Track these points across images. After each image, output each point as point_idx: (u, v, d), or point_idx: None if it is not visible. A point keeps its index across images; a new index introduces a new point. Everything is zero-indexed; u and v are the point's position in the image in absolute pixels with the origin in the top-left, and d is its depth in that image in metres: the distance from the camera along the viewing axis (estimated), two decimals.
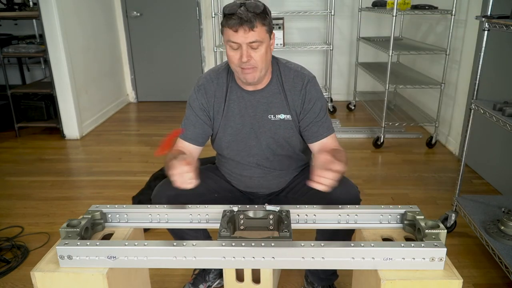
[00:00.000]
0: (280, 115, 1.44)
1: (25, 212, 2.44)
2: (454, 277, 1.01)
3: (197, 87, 1.47)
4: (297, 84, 1.42)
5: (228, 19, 1.26)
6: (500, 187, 2.58)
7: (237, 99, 1.44)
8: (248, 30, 1.25)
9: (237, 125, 1.46)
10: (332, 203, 1.27)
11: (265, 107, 1.43)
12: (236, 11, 1.24)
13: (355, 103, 4.47)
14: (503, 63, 2.55)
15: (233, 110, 1.45)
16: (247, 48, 1.28)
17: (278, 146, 1.47)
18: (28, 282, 1.78)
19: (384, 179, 2.80)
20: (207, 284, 1.74)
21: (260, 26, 1.27)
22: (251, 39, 1.26)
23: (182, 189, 1.21)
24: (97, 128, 4.03)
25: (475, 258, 1.95)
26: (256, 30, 1.26)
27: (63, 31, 3.44)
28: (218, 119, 1.47)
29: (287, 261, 1.05)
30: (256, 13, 1.25)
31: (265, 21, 1.28)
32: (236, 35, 1.26)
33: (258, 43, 1.28)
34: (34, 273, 1.05)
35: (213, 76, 1.47)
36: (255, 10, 1.25)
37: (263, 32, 1.29)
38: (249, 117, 1.44)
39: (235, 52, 1.30)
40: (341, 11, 4.43)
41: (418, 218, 1.15)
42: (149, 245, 1.06)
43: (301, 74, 1.44)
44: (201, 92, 1.46)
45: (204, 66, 4.79)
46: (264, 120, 1.44)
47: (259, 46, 1.29)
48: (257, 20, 1.25)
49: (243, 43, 1.27)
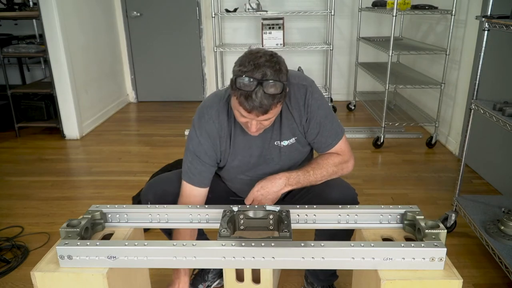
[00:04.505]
0: (284, 141, 1.38)
1: (25, 212, 2.44)
2: (454, 277, 1.01)
3: (198, 130, 1.36)
4: (299, 100, 1.34)
5: (241, 97, 1.14)
6: (500, 187, 2.58)
7: (242, 133, 1.36)
8: (262, 113, 1.16)
9: (244, 157, 1.40)
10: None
11: (270, 134, 1.37)
12: (251, 94, 1.12)
13: (355, 103, 4.47)
14: (503, 63, 2.55)
15: (239, 144, 1.38)
16: (257, 122, 1.21)
17: (287, 168, 1.43)
18: (28, 282, 1.78)
19: (384, 179, 2.80)
20: (206, 283, 1.74)
21: (275, 107, 1.17)
22: (264, 118, 1.19)
23: (170, 188, 1.22)
24: (97, 128, 4.03)
25: (475, 258, 1.95)
26: (270, 112, 1.17)
27: (63, 31, 3.44)
28: (225, 154, 1.41)
29: (287, 261, 1.05)
30: (273, 97, 1.14)
31: (281, 97, 1.17)
32: (248, 114, 1.17)
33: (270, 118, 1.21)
34: (34, 273, 1.05)
35: (213, 116, 1.35)
36: (272, 93, 1.13)
37: (278, 109, 1.20)
38: (257, 147, 1.39)
39: (243, 117, 1.21)
40: (341, 11, 4.43)
41: (418, 218, 1.15)
42: (149, 245, 1.06)
43: (301, 85, 1.35)
44: (203, 136, 1.35)
45: (204, 66, 4.79)
46: (271, 147, 1.39)
47: (270, 118, 1.23)
48: (274, 101, 1.15)
49: (254, 120, 1.20)
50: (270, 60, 1.15)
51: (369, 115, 3.95)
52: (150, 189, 1.44)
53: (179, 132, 3.76)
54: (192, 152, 1.37)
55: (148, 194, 1.42)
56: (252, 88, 1.12)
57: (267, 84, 1.12)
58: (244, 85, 1.12)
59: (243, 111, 1.17)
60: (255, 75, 1.12)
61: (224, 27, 4.58)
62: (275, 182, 1.33)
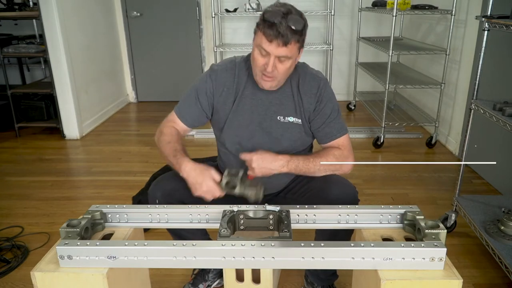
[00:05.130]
0: (289, 117, 1.44)
1: (25, 212, 2.44)
2: (454, 277, 1.01)
3: (211, 71, 1.46)
4: (313, 88, 1.43)
5: (266, 27, 1.25)
6: (500, 187, 2.58)
7: (250, 95, 1.44)
8: (282, 44, 1.25)
9: (245, 120, 1.45)
10: (330, 203, 1.27)
11: (276, 108, 1.44)
12: (277, 23, 1.23)
13: (355, 103, 4.47)
14: (503, 63, 2.55)
15: (243, 106, 1.44)
16: (274, 60, 1.28)
17: (283, 148, 1.46)
18: (28, 282, 1.78)
19: (384, 179, 2.80)
20: (206, 283, 1.74)
21: (294, 43, 1.27)
22: (282, 53, 1.27)
23: (178, 185, 1.27)
24: (97, 128, 4.03)
25: (475, 258, 1.95)
26: (289, 47, 1.26)
27: (63, 31, 3.44)
28: (224, 111, 1.45)
29: (287, 261, 1.05)
30: (294, 31, 1.25)
31: (301, 37, 1.29)
32: (269, 45, 1.26)
33: (287, 58, 1.29)
34: (34, 273, 1.05)
35: (229, 66, 1.45)
36: (295, 27, 1.24)
37: (295, 49, 1.29)
38: (259, 115, 1.44)
39: (262, 57, 1.30)
40: (341, 11, 4.43)
41: (418, 218, 1.15)
42: (149, 245, 1.06)
43: (317, 77, 1.45)
44: (212, 77, 1.44)
45: (204, 66, 4.79)
46: (273, 121, 1.44)
47: (286, 60, 1.30)
48: (294, 37, 1.25)
49: (273, 54, 1.27)
50: (294, 7, 1.31)
51: (369, 115, 3.96)
52: (158, 187, 1.45)
53: None
54: (194, 88, 1.46)
55: (156, 192, 1.42)
56: (278, 18, 1.23)
57: (291, 18, 1.24)
58: (270, 15, 1.24)
59: (265, 43, 1.26)
60: (281, 9, 1.26)
61: (224, 27, 4.58)
62: (276, 160, 1.36)
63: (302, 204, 1.26)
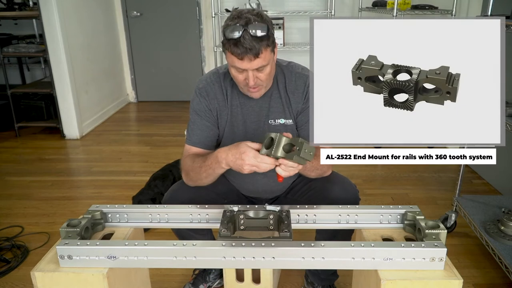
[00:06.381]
0: (280, 120, 1.42)
1: (25, 212, 2.44)
2: (454, 277, 1.01)
3: (198, 90, 1.43)
4: (299, 86, 1.41)
5: (232, 45, 1.21)
6: (500, 187, 2.58)
7: (240, 105, 1.42)
8: (254, 58, 1.21)
9: (240, 131, 1.43)
10: (330, 203, 1.27)
11: (266, 112, 1.42)
12: (239, 38, 1.19)
13: None
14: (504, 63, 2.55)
15: (236, 116, 1.43)
16: (253, 72, 1.25)
17: None
18: (28, 282, 1.78)
19: (384, 179, 2.80)
20: (207, 284, 1.74)
21: (264, 50, 1.22)
22: (257, 65, 1.23)
23: (196, 194, 1.26)
24: (97, 128, 4.03)
25: (475, 258, 1.95)
26: (261, 56, 1.22)
27: (63, 31, 3.43)
28: (222, 124, 1.44)
29: (287, 261, 1.05)
30: (260, 39, 1.20)
31: (269, 41, 1.23)
32: (241, 63, 1.23)
33: (264, 66, 1.26)
34: (34, 273, 1.05)
35: (213, 79, 1.43)
36: (259, 34, 1.19)
37: (268, 54, 1.25)
38: (252, 123, 1.43)
39: (241, 74, 1.28)
40: (341, 11, 4.42)
41: (418, 218, 1.15)
42: (149, 245, 1.06)
43: (303, 75, 1.42)
44: (202, 95, 1.42)
45: (204, 66, 4.79)
46: (266, 125, 1.43)
47: (264, 67, 1.27)
48: (262, 45, 1.21)
49: (249, 69, 1.25)
50: (252, 11, 1.24)
51: None
52: (175, 197, 1.41)
53: (179, 132, 3.76)
54: (193, 112, 1.43)
55: (174, 202, 1.37)
56: (239, 33, 1.18)
57: (252, 27, 1.19)
58: (231, 31, 1.19)
59: (237, 62, 1.23)
60: (240, 22, 1.20)
61: None
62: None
63: (303, 203, 1.26)
